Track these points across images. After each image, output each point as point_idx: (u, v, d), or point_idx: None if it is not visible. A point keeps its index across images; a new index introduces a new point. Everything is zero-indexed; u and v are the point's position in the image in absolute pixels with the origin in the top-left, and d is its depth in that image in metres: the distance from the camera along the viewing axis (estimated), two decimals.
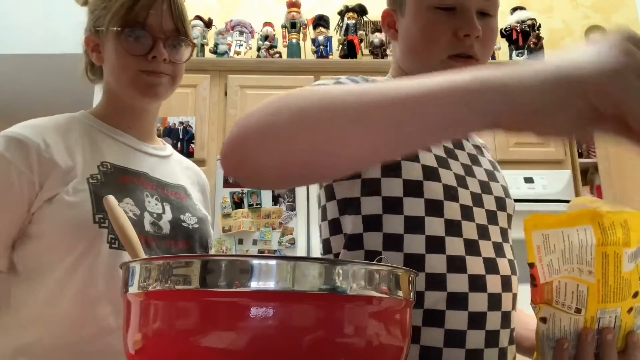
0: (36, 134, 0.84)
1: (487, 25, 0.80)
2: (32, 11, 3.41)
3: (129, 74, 0.90)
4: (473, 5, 0.79)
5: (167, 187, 0.96)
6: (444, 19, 0.79)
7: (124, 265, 0.49)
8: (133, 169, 0.92)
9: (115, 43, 0.90)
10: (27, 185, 0.81)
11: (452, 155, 0.81)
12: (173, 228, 0.90)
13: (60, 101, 3.73)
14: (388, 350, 0.46)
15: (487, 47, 0.81)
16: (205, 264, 0.42)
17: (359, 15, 3.35)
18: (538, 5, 3.70)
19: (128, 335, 0.47)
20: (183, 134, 2.91)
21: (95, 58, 0.95)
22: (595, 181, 3.22)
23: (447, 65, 0.79)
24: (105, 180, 0.86)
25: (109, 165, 0.88)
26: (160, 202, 0.91)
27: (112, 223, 0.65)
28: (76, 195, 0.82)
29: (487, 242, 0.78)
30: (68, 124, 0.91)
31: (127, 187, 0.88)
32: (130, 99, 0.94)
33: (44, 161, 0.82)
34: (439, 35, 0.79)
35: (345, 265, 0.43)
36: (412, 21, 0.82)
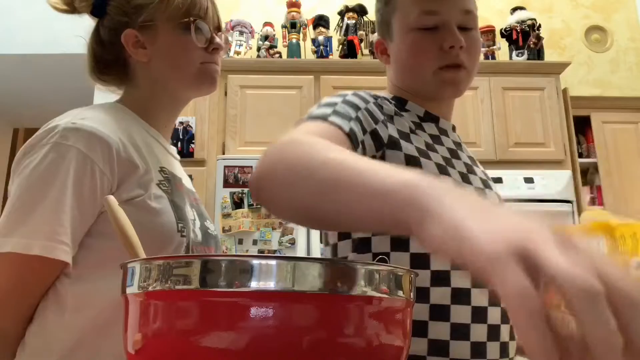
0: (112, 131, 0.81)
1: (469, 37, 0.87)
2: (32, 11, 3.41)
3: (194, 66, 0.91)
4: (453, 21, 0.86)
5: (191, 194, 0.96)
6: (429, 36, 0.86)
7: (124, 265, 0.49)
8: (177, 175, 0.93)
9: (177, 36, 0.90)
10: (107, 187, 0.79)
11: (435, 154, 0.86)
12: (203, 234, 0.92)
13: (60, 101, 3.73)
14: (388, 350, 0.46)
15: (473, 56, 0.89)
16: (205, 264, 0.42)
17: (359, 15, 3.35)
18: (538, 5, 3.70)
19: (128, 335, 0.47)
20: (183, 134, 2.91)
21: (140, 55, 0.91)
22: (595, 181, 3.22)
23: (439, 76, 0.87)
24: (171, 186, 0.86)
25: (167, 171, 0.88)
26: (191, 208, 0.91)
27: (112, 223, 0.65)
28: (158, 201, 0.81)
29: None
30: (123, 120, 0.88)
31: (182, 194, 0.89)
32: (192, 91, 0.94)
33: (123, 162, 0.80)
34: (426, 51, 0.86)
35: (345, 265, 0.43)
36: (400, 43, 0.90)
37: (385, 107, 0.84)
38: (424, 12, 0.86)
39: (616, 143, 3.21)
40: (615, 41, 3.71)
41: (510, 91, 3.06)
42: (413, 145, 0.83)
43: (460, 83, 0.88)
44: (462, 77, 0.88)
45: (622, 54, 3.69)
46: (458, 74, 0.87)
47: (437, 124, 0.92)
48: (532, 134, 3.00)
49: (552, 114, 3.02)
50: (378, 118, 0.80)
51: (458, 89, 0.89)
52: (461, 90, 0.90)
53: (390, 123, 0.82)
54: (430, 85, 0.89)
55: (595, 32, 3.73)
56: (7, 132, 4.72)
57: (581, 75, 3.61)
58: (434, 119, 0.92)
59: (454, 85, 0.88)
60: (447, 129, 0.93)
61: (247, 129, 2.93)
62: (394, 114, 0.85)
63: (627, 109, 3.31)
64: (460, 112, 3.01)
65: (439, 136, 0.90)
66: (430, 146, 0.86)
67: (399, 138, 0.81)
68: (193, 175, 2.87)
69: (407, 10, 0.88)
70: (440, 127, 0.92)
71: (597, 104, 3.33)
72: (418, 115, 0.91)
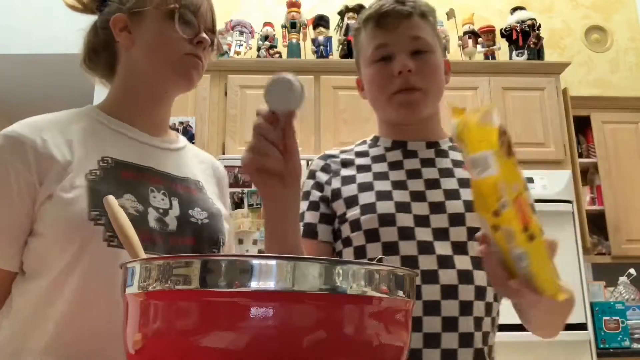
0: (32, 130, 0.83)
1: (422, 60, 0.95)
2: (32, 11, 3.41)
3: (174, 55, 0.90)
4: (404, 50, 0.94)
5: (175, 181, 0.94)
6: (383, 67, 0.95)
7: (124, 265, 0.49)
8: (137, 164, 0.90)
9: (163, 22, 0.90)
10: (25, 184, 0.80)
11: (401, 186, 0.96)
12: (180, 224, 0.89)
13: (60, 101, 3.73)
14: (388, 350, 0.46)
15: (427, 77, 0.95)
16: (205, 264, 0.42)
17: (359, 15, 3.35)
18: (538, 5, 3.69)
19: (128, 335, 0.47)
20: (183, 134, 2.91)
21: (123, 38, 0.92)
22: (595, 181, 3.22)
23: (393, 100, 0.95)
24: (105, 175, 0.84)
25: (109, 160, 0.86)
26: (167, 196, 0.90)
27: (112, 222, 0.65)
28: (72, 191, 0.80)
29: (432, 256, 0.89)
30: (70, 118, 0.90)
31: (129, 182, 0.86)
32: (167, 82, 0.93)
33: (41, 158, 0.81)
34: (382, 80, 0.96)
35: (345, 265, 0.43)
36: (365, 77, 1.01)
37: (333, 164, 1.00)
38: (377, 47, 0.96)
39: (616, 143, 3.21)
40: (615, 41, 3.71)
41: (510, 91, 3.06)
42: (355, 184, 0.95)
43: (415, 104, 0.95)
44: (416, 98, 0.94)
45: (622, 54, 3.69)
46: (411, 96, 0.94)
47: (404, 149, 0.99)
48: (532, 134, 2.99)
49: (552, 114, 3.02)
50: (322, 182, 0.99)
51: (414, 110, 0.95)
52: (420, 111, 0.96)
53: (335, 177, 0.98)
54: (389, 111, 0.98)
55: (595, 32, 3.73)
56: None
57: (581, 75, 3.61)
58: (401, 144, 1.00)
59: (408, 107, 0.95)
60: (417, 149, 0.99)
61: (247, 129, 2.92)
62: (341, 165, 1.00)
63: (627, 109, 3.31)
64: None
65: (400, 161, 0.98)
66: (380, 175, 0.96)
67: (340, 187, 0.96)
68: None
69: (365, 47, 0.99)
70: (407, 151, 0.99)
71: (597, 104, 3.32)
72: (385, 147, 1.01)
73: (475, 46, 3.23)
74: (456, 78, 3.32)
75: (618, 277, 3.06)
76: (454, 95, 3.03)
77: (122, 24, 0.92)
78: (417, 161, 0.97)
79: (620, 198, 3.11)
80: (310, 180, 1.01)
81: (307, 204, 0.98)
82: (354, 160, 1.00)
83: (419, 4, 0.98)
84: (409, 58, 0.94)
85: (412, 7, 0.96)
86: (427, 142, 1.00)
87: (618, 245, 3.03)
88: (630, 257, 3.03)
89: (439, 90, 0.98)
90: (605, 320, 2.77)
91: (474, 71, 3.10)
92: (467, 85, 3.05)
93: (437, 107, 1.01)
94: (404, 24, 0.95)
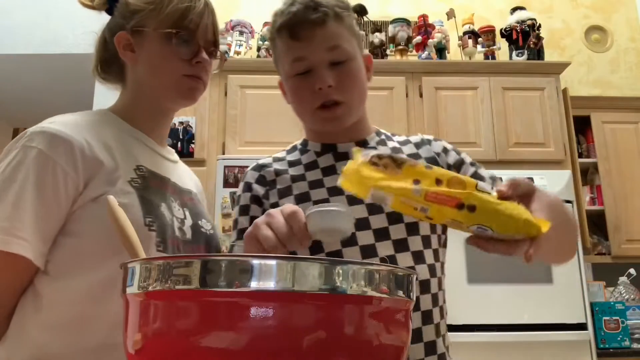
0: (77, 131, 0.83)
1: (341, 72, 0.91)
2: (32, 11, 3.41)
3: (173, 77, 0.92)
4: (321, 63, 0.91)
5: (183, 193, 0.97)
6: (303, 81, 0.92)
7: (124, 265, 0.49)
8: (160, 174, 0.93)
9: (162, 45, 0.91)
10: (72, 185, 0.80)
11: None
12: (194, 233, 0.92)
13: (60, 101, 3.73)
14: (388, 350, 0.46)
15: (348, 89, 0.92)
16: (205, 264, 0.42)
17: (359, 15, 3.33)
18: (538, 5, 3.69)
19: (128, 335, 0.47)
20: (183, 134, 2.91)
21: (128, 57, 0.94)
22: (595, 181, 3.22)
23: (317, 115, 0.93)
24: (145, 184, 0.86)
25: (144, 169, 0.89)
26: (181, 207, 0.93)
27: (112, 223, 0.65)
28: (125, 196, 0.81)
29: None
30: (99, 122, 0.90)
31: (160, 192, 0.89)
32: (167, 101, 0.95)
33: (88, 160, 0.81)
34: (303, 95, 0.93)
35: (345, 265, 0.43)
36: (286, 88, 0.98)
37: (268, 175, 0.98)
38: (293, 60, 0.92)
39: (616, 143, 3.21)
40: (615, 41, 3.71)
41: (510, 91, 3.06)
42: (292, 196, 0.94)
43: (339, 118, 0.93)
44: (340, 112, 0.93)
45: (622, 54, 3.69)
46: (335, 112, 0.92)
47: (334, 152, 0.98)
48: (532, 133, 2.99)
49: (552, 114, 3.02)
50: (259, 196, 0.97)
51: (340, 123, 0.94)
52: (345, 123, 0.95)
53: (271, 191, 0.97)
54: (314, 123, 0.97)
55: (595, 32, 3.73)
56: (7, 132, 4.72)
57: (581, 75, 3.61)
58: (331, 147, 0.99)
59: (333, 121, 0.94)
60: (347, 150, 0.97)
61: (247, 129, 2.93)
62: (275, 176, 0.98)
63: (627, 109, 3.31)
64: (461, 112, 3.01)
65: (333, 165, 0.96)
66: (315, 184, 0.94)
67: (277, 200, 0.94)
68: None
69: (283, 59, 0.95)
70: (338, 153, 0.98)
71: (597, 104, 3.32)
72: (315, 151, 1.00)
73: (475, 46, 3.23)
74: (456, 78, 3.34)
75: (618, 277, 3.06)
76: (454, 95, 3.04)
77: (126, 42, 0.93)
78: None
79: (620, 198, 3.11)
80: (247, 193, 0.99)
81: (249, 219, 0.96)
82: (288, 171, 0.99)
83: (331, 5, 0.92)
84: (328, 71, 0.90)
85: (325, 12, 0.90)
86: (356, 142, 0.99)
87: (618, 245, 3.03)
88: (630, 257, 3.03)
89: (361, 96, 0.96)
90: (605, 320, 2.77)
91: (474, 71, 3.10)
92: (467, 85, 3.05)
93: (362, 110, 0.99)
94: (319, 35, 0.90)
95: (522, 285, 2.57)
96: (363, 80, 0.96)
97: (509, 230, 0.61)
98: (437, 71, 3.09)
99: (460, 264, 2.56)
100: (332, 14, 0.91)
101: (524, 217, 0.61)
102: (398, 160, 0.64)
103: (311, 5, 0.90)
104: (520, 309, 2.55)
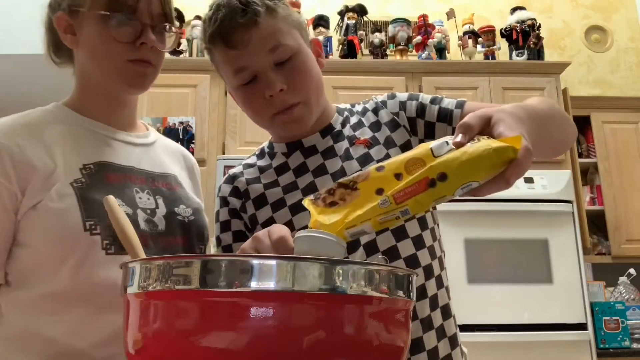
0: (7, 136, 0.78)
1: (289, 71, 0.84)
2: (32, 11, 3.41)
3: (115, 63, 0.83)
4: (265, 67, 0.83)
5: (157, 179, 0.89)
6: (251, 90, 0.85)
7: (124, 265, 0.49)
8: (119, 165, 0.85)
9: (99, 27, 0.81)
10: (8, 195, 0.75)
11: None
12: (169, 223, 0.85)
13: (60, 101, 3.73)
14: (388, 350, 0.46)
15: (302, 87, 0.85)
16: (205, 264, 0.42)
17: (359, 15, 3.35)
18: (538, 5, 3.69)
19: (128, 335, 0.47)
20: (183, 134, 2.91)
21: (69, 41, 0.85)
22: (595, 181, 3.22)
23: (275, 121, 0.86)
24: (91, 182, 0.79)
25: (92, 166, 0.81)
26: (152, 195, 0.85)
27: (113, 223, 0.65)
28: (62, 200, 0.76)
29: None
30: (43, 120, 0.84)
31: (115, 186, 0.82)
32: (115, 89, 0.87)
33: (20, 167, 0.76)
34: (255, 105, 0.86)
35: (345, 265, 0.43)
36: (236, 98, 0.91)
37: (240, 186, 0.93)
38: (235, 72, 0.85)
39: (616, 143, 3.21)
40: (615, 41, 3.71)
41: (510, 91, 3.06)
42: (268, 205, 0.89)
43: (301, 119, 0.87)
44: (299, 113, 0.86)
45: (622, 54, 3.69)
46: (293, 114, 0.86)
47: (302, 148, 0.93)
48: None
49: None
50: (237, 209, 0.92)
51: (302, 124, 0.88)
52: (307, 123, 0.89)
53: (247, 202, 0.92)
54: (275, 130, 0.92)
55: (595, 32, 3.73)
56: None
57: (581, 75, 3.61)
58: (297, 145, 0.93)
59: (293, 123, 0.87)
60: (314, 142, 0.93)
61: (247, 129, 2.93)
62: (247, 185, 0.93)
63: (627, 109, 3.31)
64: None
65: (304, 163, 0.91)
66: (289, 187, 0.90)
67: (255, 212, 0.90)
68: None
69: (225, 71, 0.88)
70: (306, 148, 0.92)
71: (597, 104, 3.32)
72: (283, 152, 0.94)
73: (475, 46, 3.23)
74: (456, 78, 3.33)
75: (618, 277, 3.06)
76: (455, 95, 3.03)
77: (65, 24, 0.85)
78: (319, 156, 0.91)
79: (620, 198, 3.11)
80: (225, 207, 0.94)
81: (231, 235, 0.93)
82: (260, 179, 0.93)
83: (259, 0, 0.84)
84: (275, 74, 0.83)
85: (254, 11, 0.82)
86: (321, 131, 0.93)
87: (618, 245, 3.03)
88: (630, 257, 3.03)
89: (318, 90, 0.89)
90: (605, 320, 2.77)
91: (474, 71, 3.10)
92: (467, 85, 3.05)
93: (322, 102, 0.93)
94: (254, 37, 0.82)
95: (522, 285, 2.57)
96: (315, 71, 0.89)
97: (489, 170, 0.56)
98: (437, 71, 3.09)
99: (460, 264, 2.56)
100: (263, 10, 0.83)
101: (493, 147, 0.55)
102: (350, 184, 0.59)
103: (238, 7, 0.82)
104: (520, 309, 2.55)
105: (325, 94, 0.94)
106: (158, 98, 2.93)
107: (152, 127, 0.99)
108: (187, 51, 3.17)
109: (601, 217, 3.10)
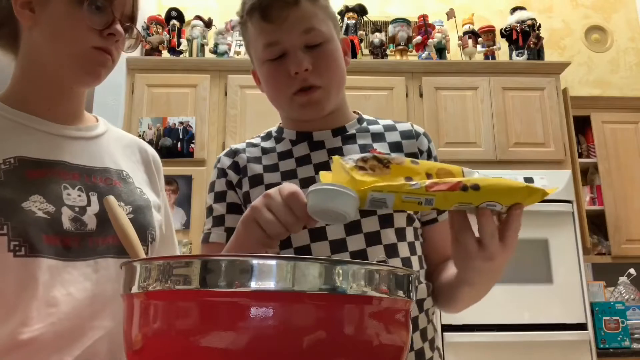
0: None
1: (317, 55, 0.87)
2: None
3: (78, 48, 0.79)
4: (296, 46, 0.86)
5: (94, 174, 0.84)
6: (277, 66, 0.88)
7: (125, 265, 0.49)
8: (47, 160, 0.80)
9: (69, 8, 0.78)
10: None
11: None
12: (101, 222, 0.79)
13: None
14: (388, 350, 0.46)
15: (327, 73, 0.88)
16: (205, 264, 0.42)
17: (359, 15, 3.35)
18: (538, 5, 3.69)
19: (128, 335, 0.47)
20: (183, 134, 2.91)
21: (25, 17, 0.80)
22: (595, 181, 3.22)
23: (294, 101, 0.89)
24: (7, 178, 0.75)
25: (12, 160, 0.77)
26: (84, 192, 0.80)
27: (113, 223, 0.65)
28: None
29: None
30: None
31: (37, 182, 0.77)
32: (66, 78, 0.83)
33: None
34: (278, 80, 0.89)
35: (345, 265, 0.43)
36: (260, 75, 0.94)
37: (240, 162, 0.95)
38: (266, 45, 0.87)
39: (616, 143, 3.21)
40: (615, 41, 3.71)
41: (510, 91, 3.06)
42: (263, 185, 0.90)
43: (317, 103, 0.89)
44: (318, 97, 0.88)
45: (622, 54, 3.69)
46: (312, 96, 0.88)
47: (310, 140, 0.94)
48: (532, 133, 3.00)
49: (552, 114, 3.02)
50: (234, 183, 0.94)
51: (317, 109, 0.90)
52: (323, 109, 0.90)
53: (244, 179, 0.93)
54: (291, 110, 0.93)
55: (595, 32, 3.73)
56: None
57: (581, 75, 3.61)
58: (307, 136, 0.94)
59: (311, 106, 0.89)
60: (323, 139, 0.94)
61: (247, 129, 2.93)
62: (246, 162, 0.94)
63: (627, 109, 3.31)
64: (461, 112, 3.01)
65: (308, 155, 0.92)
66: (288, 174, 0.91)
67: (249, 189, 0.92)
68: (193, 175, 2.87)
69: (255, 44, 0.90)
70: (314, 142, 0.94)
71: (597, 104, 3.33)
72: (290, 140, 0.96)
73: (475, 46, 3.23)
74: (456, 78, 3.33)
75: (618, 277, 3.06)
76: (454, 95, 3.04)
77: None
78: (324, 153, 0.92)
79: (620, 198, 3.11)
80: (222, 178, 0.95)
81: (225, 206, 0.93)
82: (261, 159, 0.94)
83: None
84: (304, 54, 0.86)
85: None
86: (333, 130, 0.95)
87: (618, 245, 3.03)
88: (630, 257, 3.03)
89: (340, 81, 0.92)
90: (605, 320, 2.77)
91: (474, 71, 3.10)
92: (467, 85, 3.05)
93: (341, 96, 0.95)
94: (292, 16, 0.85)
95: (522, 285, 2.57)
96: (341, 63, 0.92)
97: (517, 200, 0.62)
98: (437, 71, 3.09)
99: None
100: None
101: (527, 184, 0.62)
102: (384, 160, 0.62)
103: None
104: (520, 309, 2.55)
105: (344, 93, 0.97)
106: (158, 98, 2.93)
107: (103, 119, 0.95)
108: (187, 51, 3.17)
109: (601, 217, 3.11)
